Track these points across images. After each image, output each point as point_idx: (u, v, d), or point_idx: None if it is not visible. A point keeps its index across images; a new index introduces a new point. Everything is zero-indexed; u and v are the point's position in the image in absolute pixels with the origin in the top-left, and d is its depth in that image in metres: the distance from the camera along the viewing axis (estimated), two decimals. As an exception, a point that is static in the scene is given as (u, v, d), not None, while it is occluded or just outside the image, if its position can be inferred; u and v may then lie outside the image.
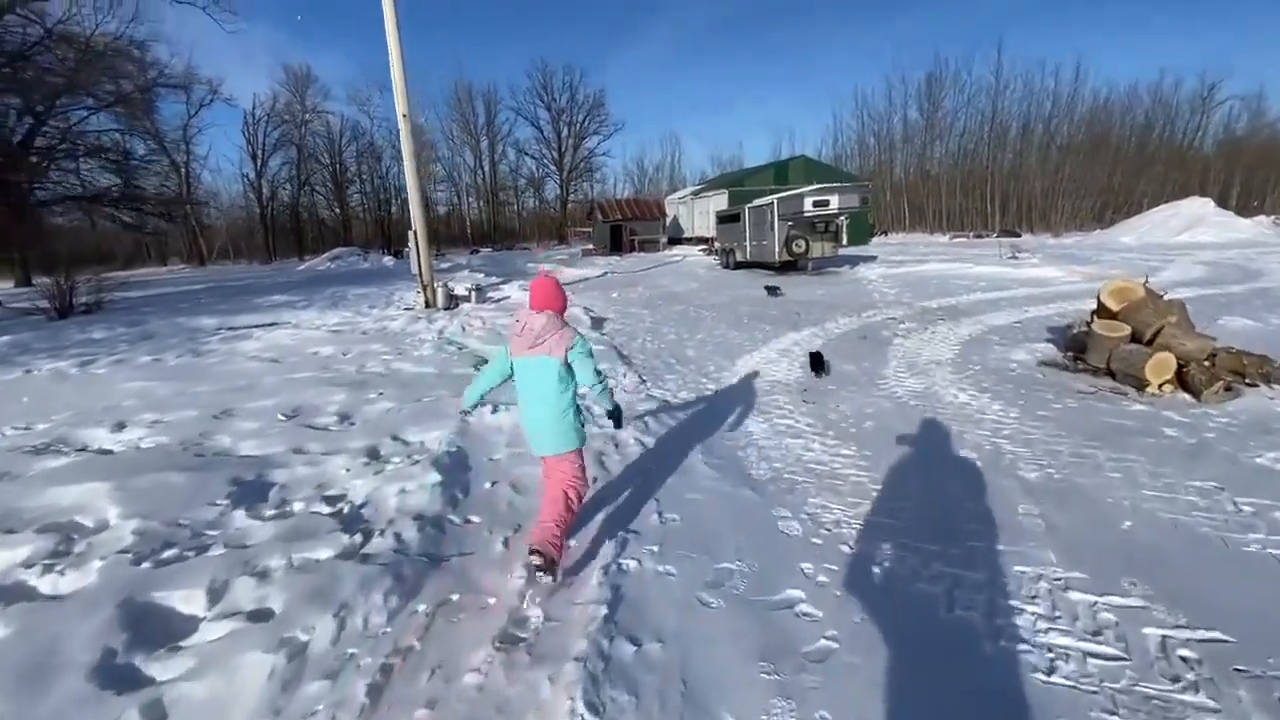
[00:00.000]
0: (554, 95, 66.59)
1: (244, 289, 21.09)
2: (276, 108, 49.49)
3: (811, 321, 10.86)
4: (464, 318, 11.20)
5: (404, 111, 14.08)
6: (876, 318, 10.93)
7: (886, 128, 53.60)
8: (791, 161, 37.62)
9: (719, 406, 6.04)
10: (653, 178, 73.14)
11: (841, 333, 9.74)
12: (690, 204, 40.02)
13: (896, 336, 9.20)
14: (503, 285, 17.47)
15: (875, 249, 31.99)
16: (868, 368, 7.40)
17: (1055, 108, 44.42)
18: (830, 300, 13.54)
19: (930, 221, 47.98)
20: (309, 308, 14.49)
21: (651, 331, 10.45)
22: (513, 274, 24.18)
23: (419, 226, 14.46)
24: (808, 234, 19.52)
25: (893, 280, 16.50)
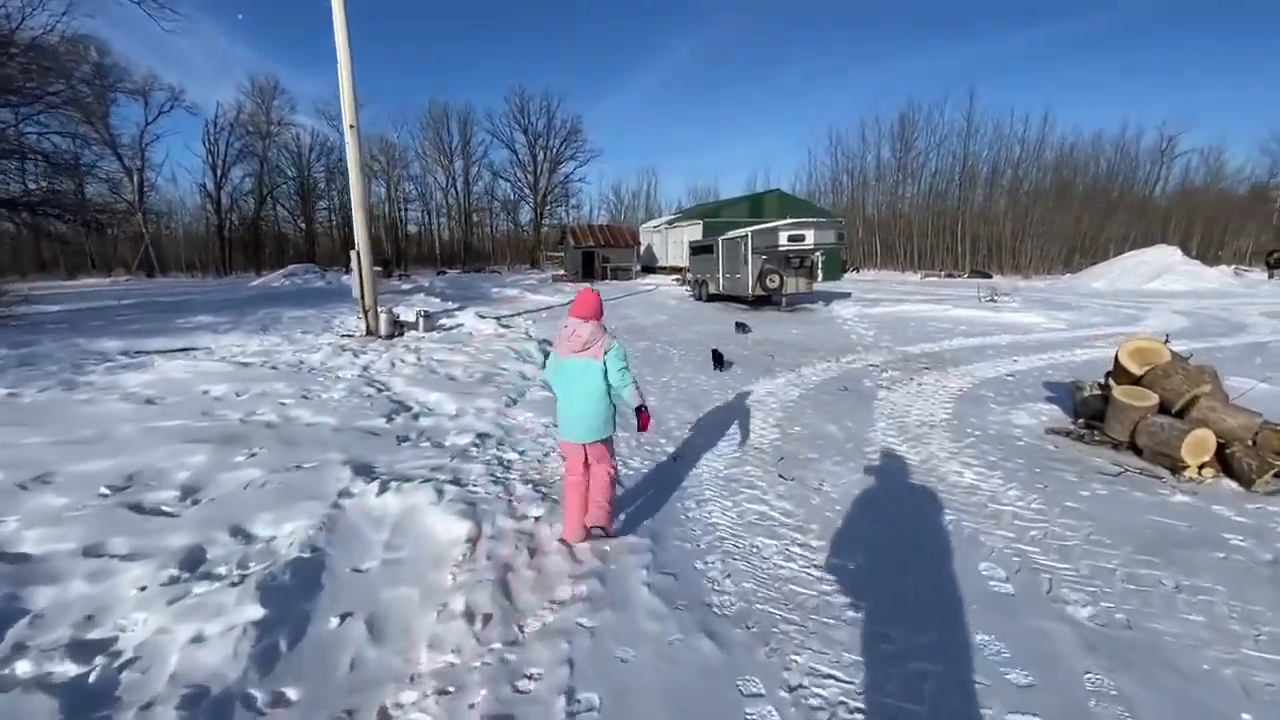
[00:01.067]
0: (531, 119, 66.27)
1: (174, 306, 19.38)
2: (240, 118, 47.84)
3: (786, 365, 9.89)
4: (400, 350, 9.93)
5: (351, 122, 12.94)
6: (856, 364, 10.01)
7: (860, 165, 54.50)
8: (766, 195, 37.44)
9: (677, 481, 4.90)
10: (629, 206, 72.94)
11: (819, 381, 8.75)
12: (665, 233, 39.47)
13: (880, 388, 8.24)
14: (458, 312, 16.20)
15: (848, 285, 31.65)
16: (852, 429, 6.38)
17: (1024, 152, 45.63)
18: (805, 341, 12.64)
19: (901, 259, 48.32)
20: (233, 330, 13.02)
21: (610, 373, 9.35)
22: (472, 299, 22.94)
23: (362, 245, 13.20)
24: (782, 269, 18.80)
25: (870, 321, 15.74)
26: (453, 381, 7.80)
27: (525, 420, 6.25)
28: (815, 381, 8.70)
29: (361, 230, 13.27)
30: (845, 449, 5.76)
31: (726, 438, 6.11)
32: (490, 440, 5.58)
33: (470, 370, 8.43)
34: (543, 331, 14.44)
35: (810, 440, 6.01)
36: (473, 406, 6.67)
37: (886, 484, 4.87)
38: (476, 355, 9.42)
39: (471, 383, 7.77)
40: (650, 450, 5.65)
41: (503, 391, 7.29)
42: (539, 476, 4.77)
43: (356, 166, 13.07)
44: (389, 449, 5.24)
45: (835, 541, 3.86)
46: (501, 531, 3.76)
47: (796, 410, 7.16)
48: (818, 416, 6.86)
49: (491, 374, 8.27)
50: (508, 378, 8.08)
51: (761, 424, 6.60)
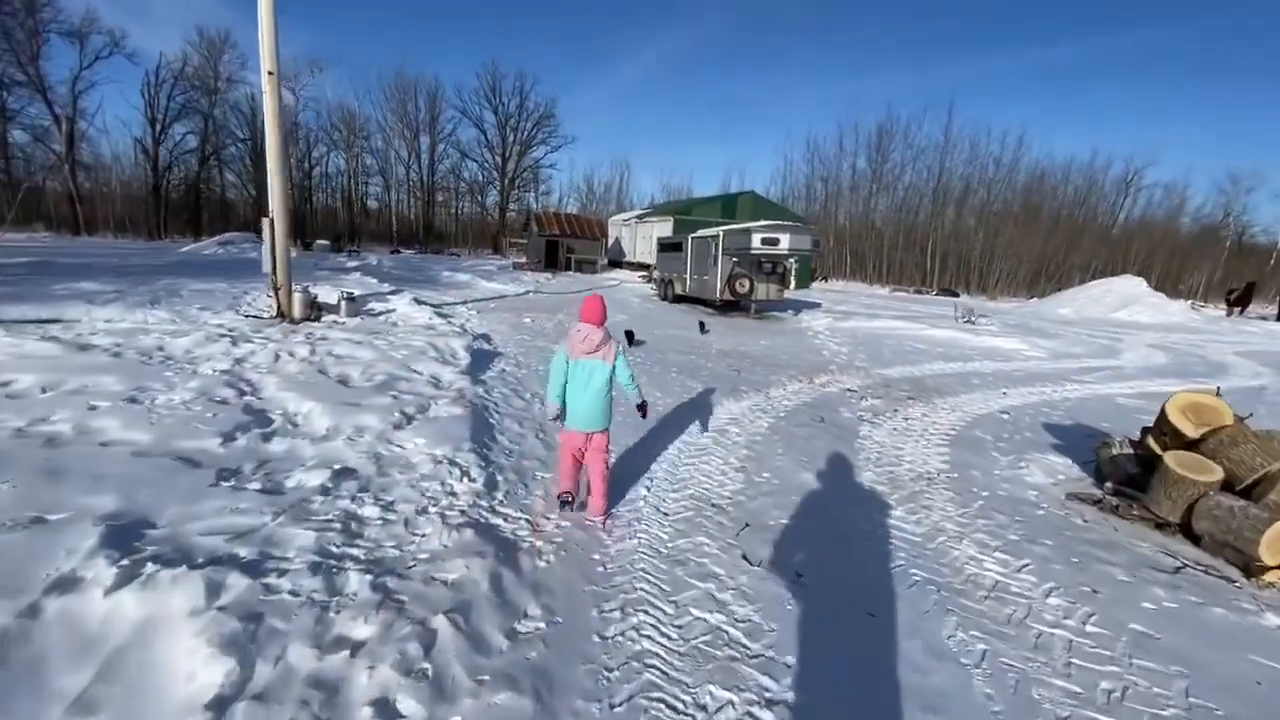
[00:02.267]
0: (502, 99, 63.72)
1: (71, 269, 16.95)
2: (185, 70, 44.13)
3: (754, 384, 8.62)
4: (296, 340, 8.23)
5: (270, 68, 11.08)
6: (831, 388, 8.80)
7: (835, 173, 54.02)
8: (741, 196, 36.33)
9: (599, 566, 3.51)
10: (601, 197, 71.03)
11: (791, 406, 7.49)
12: (634, 227, 37.99)
13: (862, 421, 7.02)
14: (392, 296, 14.44)
15: (817, 295, 30.80)
16: (833, 480, 5.10)
17: (998, 172, 45.78)
18: (775, 355, 11.40)
19: (870, 272, 48.04)
20: (115, 302, 10.96)
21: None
22: (419, 282, 21.08)
23: (277, 211, 11.37)
24: (753, 273, 17.61)
25: (843, 336, 14.65)
26: (342, 386, 6.22)
27: (413, 450, 4.75)
28: (786, 407, 7.43)
29: (278, 194, 11.43)
30: (828, 512, 4.47)
31: (676, 486, 4.75)
32: (351, 482, 4.06)
33: (371, 372, 6.85)
34: (487, 324, 12.88)
35: (783, 495, 4.69)
36: (351, 424, 5.13)
37: (887, 580, 3.57)
38: (387, 351, 7.82)
39: (365, 389, 6.20)
40: (573, 504, 4.24)
41: (399, 404, 5.75)
42: (397, 555, 3.28)
43: (274, 120, 11.21)
44: (195, 492, 3.68)
45: (822, 695, 2.52)
46: (286, 677, 2.29)
47: (765, 447, 5.85)
48: (791, 458, 5.56)
49: (396, 378, 6.71)
50: (414, 385, 6.54)
51: (722, 465, 5.27)
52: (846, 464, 5.54)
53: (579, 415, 3.89)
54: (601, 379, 3.84)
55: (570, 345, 3.89)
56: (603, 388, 3.85)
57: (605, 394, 3.88)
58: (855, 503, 4.69)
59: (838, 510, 4.53)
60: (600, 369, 3.83)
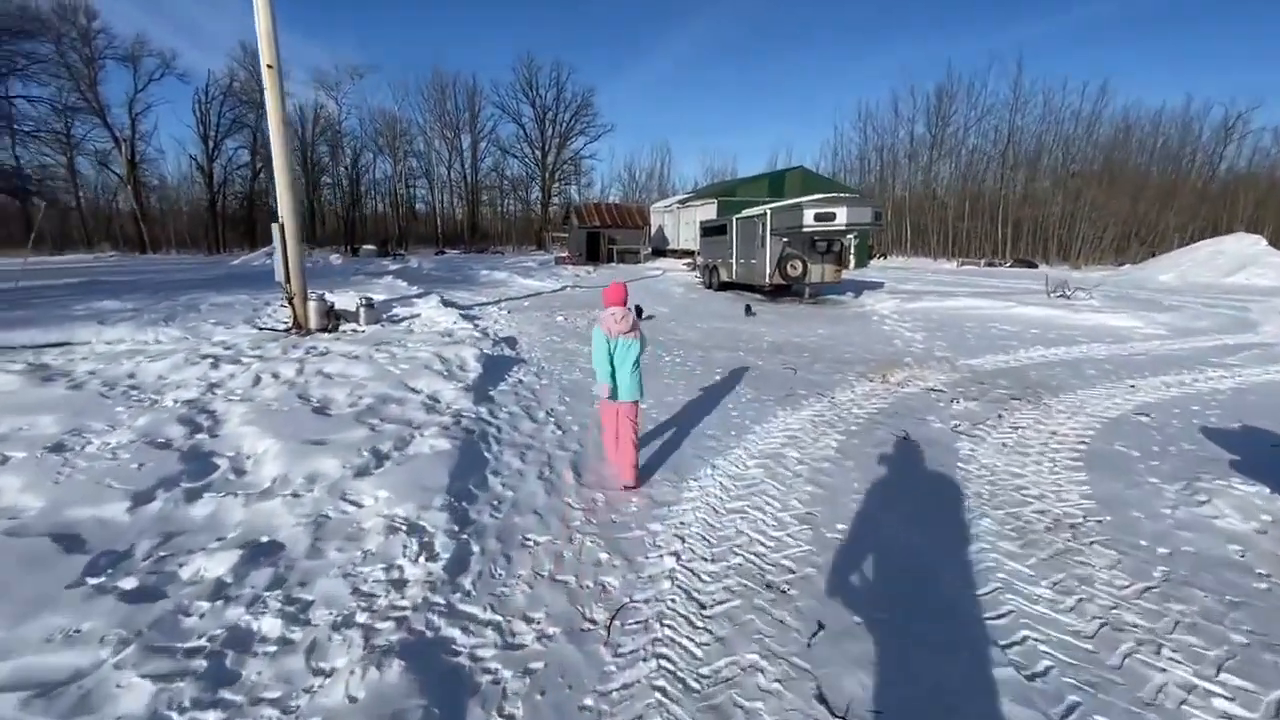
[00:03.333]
0: (539, 92, 63.03)
1: (109, 287, 17.03)
2: (233, 86, 45.42)
3: (814, 386, 7.20)
4: (286, 359, 7.34)
5: (269, 62, 10.37)
6: (910, 387, 7.27)
7: (891, 142, 50.37)
8: (789, 172, 34.19)
9: (591, 715, 2.29)
10: (644, 186, 69.51)
11: (864, 416, 6.06)
12: (677, 213, 36.48)
13: (959, 435, 5.52)
14: (418, 300, 13.65)
15: (876, 274, 28.56)
16: (937, 538, 3.69)
17: (1076, 128, 41.30)
18: (837, 347, 9.87)
19: (934, 245, 44.61)
20: (129, 321, 10.55)
21: (572, 394, 6.74)
22: (456, 282, 20.41)
23: (286, 215, 10.68)
24: (806, 254, 15.94)
25: (914, 320, 12.88)
26: (317, 416, 5.23)
27: (369, 509, 3.65)
28: (858, 418, 6.00)
29: (285, 196, 10.72)
30: (938, 596, 3.09)
31: (715, 547, 3.47)
32: (266, 570, 2.98)
33: (359, 394, 5.85)
34: (516, 325, 11.87)
35: (867, 564, 3.35)
36: (306, 470, 4.10)
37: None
38: (386, 366, 6.83)
39: (343, 417, 5.19)
40: (575, 587, 3.03)
41: (375, 438, 4.69)
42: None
43: (277, 116, 10.48)
44: (42, 597, 2.67)
45: None
46: None
47: (835, 480, 4.48)
48: (873, 498, 4.18)
49: (386, 401, 5.68)
50: (405, 409, 5.49)
51: (778, 511, 3.95)
52: (951, 505, 4.12)
53: (621, 387, 4.24)
54: (634, 354, 4.25)
55: (606, 327, 4.22)
56: (635, 362, 4.26)
57: (637, 367, 4.28)
58: (975, 574, 3.29)
59: (953, 590, 3.14)
60: (634, 346, 4.25)
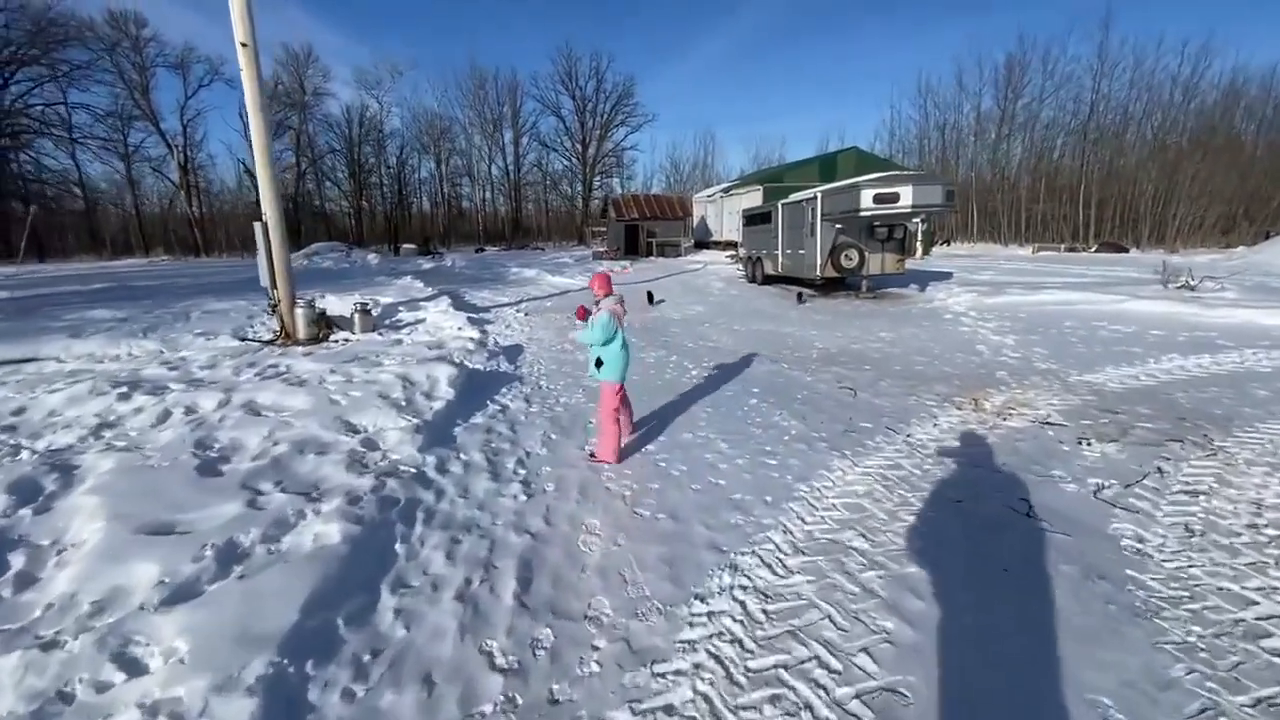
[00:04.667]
0: (579, 83, 61.63)
1: (117, 293, 16.60)
2: (277, 90, 45.88)
3: (880, 414, 5.44)
4: (212, 386, 6.08)
5: (243, 39, 9.22)
6: (1015, 418, 5.39)
7: (954, 119, 46.23)
8: (841, 154, 31.63)
9: None
10: (689, 177, 67.28)
11: (959, 472, 4.28)
12: (720, 203, 34.51)
13: (1109, 509, 3.68)
14: (427, 302, 12.43)
15: (943, 262, 25.83)
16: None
17: (1173, 94, 36.45)
18: (906, 356, 7.98)
19: (1005, 230, 40.74)
20: (109, 332, 9.66)
21: (562, 429, 5.22)
22: (482, 281, 19.29)
23: (270, 212, 9.58)
24: (863, 241, 13.90)
25: (998, 319, 10.76)
26: (199, 477, 3.86)
27: (142, 685, 2.20)
28: (950, 475, 4.22)
29: (267, 191, 9.62)
30: None
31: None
32: None
33: (275, 438, 4.49)
34: (529, 331, 10.51)
35: None
36: (105, 587, 2.72)
37: None
38: (333, 395, 5.46)
39: (228, 480, 3.80)
40: None
41: (243, 522, 3.28)
42: None
43: (255, 101, 9.34)
44: None
45: None
46: None
47: (929, 617, 2.76)
48: (1002, 665, 2.46)
49: (303, 448, 4.30)
50: (315, 467, 4.07)
51: (836, 698, 2.28)
52: (1145, 678, 2.35)
53: (622, 369, 4.45)
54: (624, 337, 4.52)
55: (614, 313, 4.39)
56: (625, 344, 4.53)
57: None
58: None
59: None
60: (622, 333, 4.48)
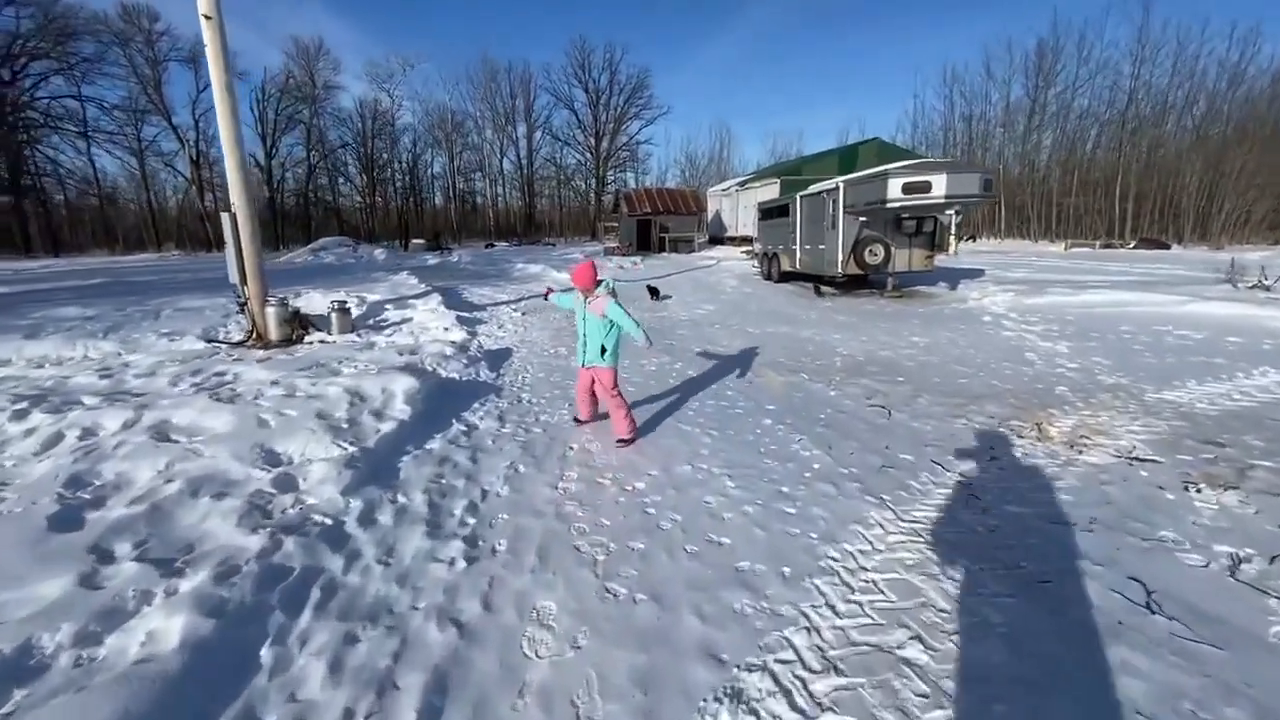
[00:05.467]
0: (592, 75, 60.60)
1: (101, 290, 15.99)
2: (288, 84, 45.58)
3: (923, 443, 4.44)
4: (166, 393, 5.25)
5: (207, 11, 8.40)
6: (1091, 451, 4.35)
7: (982, 109, 44.41)
8: (862, 145, 30.33)
9: None
10: (704, 171, 65.97)
11: (1035, 526, 3.28)
12: (735, 196, 33.37)
13: (1260, 598, 2.65)
14: (416, 300, 11.58)
15: (970, 259, 24.49)
16: None
17: (1219, 81, 34.37)
18: (944, 366, 6.94)
19: (1035, 225, 38.97)
20: (67, 331, 8.92)
21: (535, 457, 4.29)
22: (486, 277, 18.50)
23: (239, 203, 8.75)
24: (890, 235, 12.80)
25: (1043, 321, 9.64)
26: (42, 536, 2.98)
27: None
28: (1023, 530, 3.21)
29: (236, 179, 8.78)
30: None
31: None
32: None
33: (169, 474, 3.62)
34: (522, 332, 9.61)
35: None
36: None
37: None
38: (262, 414, 4.58)
39: (69, 544, 2.91)
40: None
41: (60, 614, 2.38)
42: None
43: (220, 79, 8.51)
44: None
45: None
46: None
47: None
48: None
49: (198, 489, 3.42)
50: (199, 518, 3.18)
51: None
52: None
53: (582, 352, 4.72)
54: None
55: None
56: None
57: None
58: None
59: None
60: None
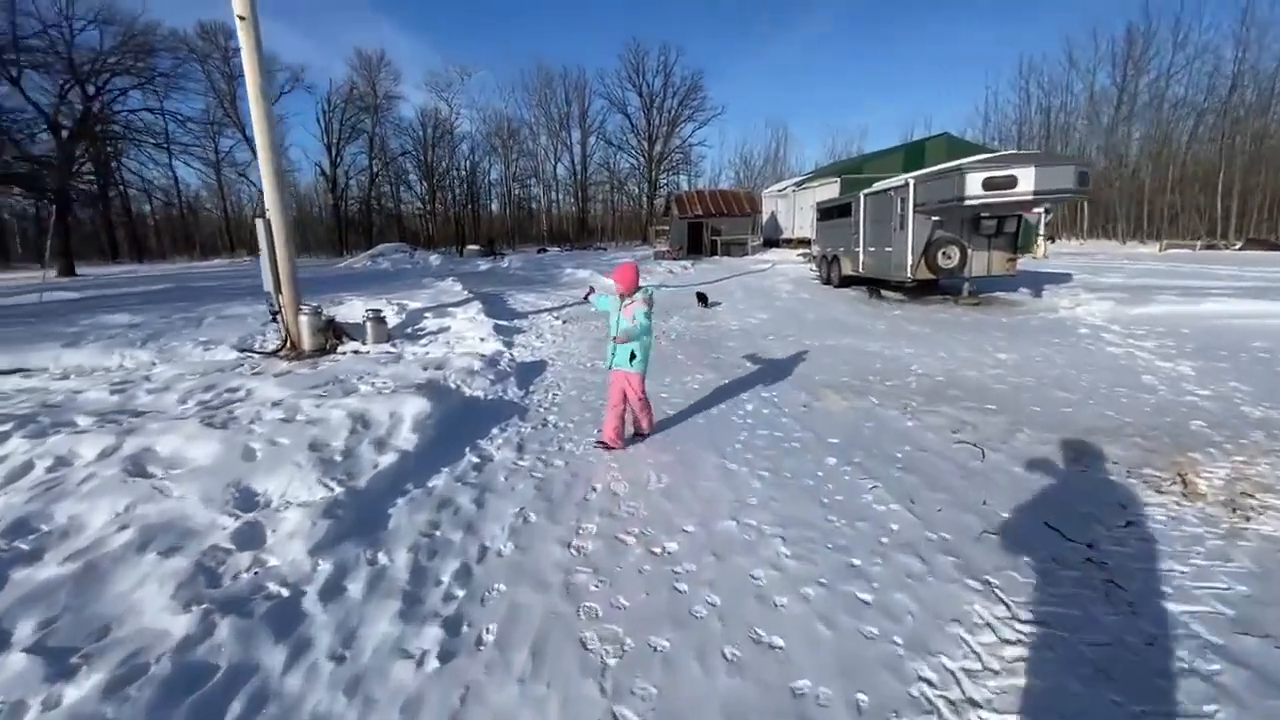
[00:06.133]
0: (646, 79, 60.15)
1: (170, 294, 16.43)
2: (352, 94, 47.23)
3: (1034, 496, 3.51)
4: (103, 432, 4.89)
5: (242, 12, 8.19)
6: (1268, 519, 3.32)
7: (1062, 101, 41.20)
8: (929, 142, 28.51)
9: None
10: (759, 173, 64.46)
11: (1211, 655, 2.35)
12: (792, 197, 32.10)
13: None
14: (456, 308, 11.22)
15: (1053, 261, 22.45)
16: None
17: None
18: (1043, 394, 5.87)
19: (1123, 224, 35.72)
20: (107, 340, 8.93)
21: (551, 500, 3.63)
22: (533, 283, 18.15)
23: (274, 209, 8.54)
24: (967, 236, 11.58)
25: (1154, 335, 8.32)
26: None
27: None
28: (1201, 668, 2.29)
29: (271, 186, 8.57)
30: None
31: None
32: None
33: (128, 516, 3.16)
34: (561, 343, 9.10)
35: None
36: None
37: None
38: (250, 443, 4.10)
39: None
40: None
41: None
42: None
43: (256, 81, 8.30)
44: None
45: None
46: None
47: None
48: None
49: (148, 539, 2.93)
50: (144, 581, 2.67)
51: None
52: None
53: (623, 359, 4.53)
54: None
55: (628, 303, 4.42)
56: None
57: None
58: None
59: None
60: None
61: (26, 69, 27.37)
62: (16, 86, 27.57)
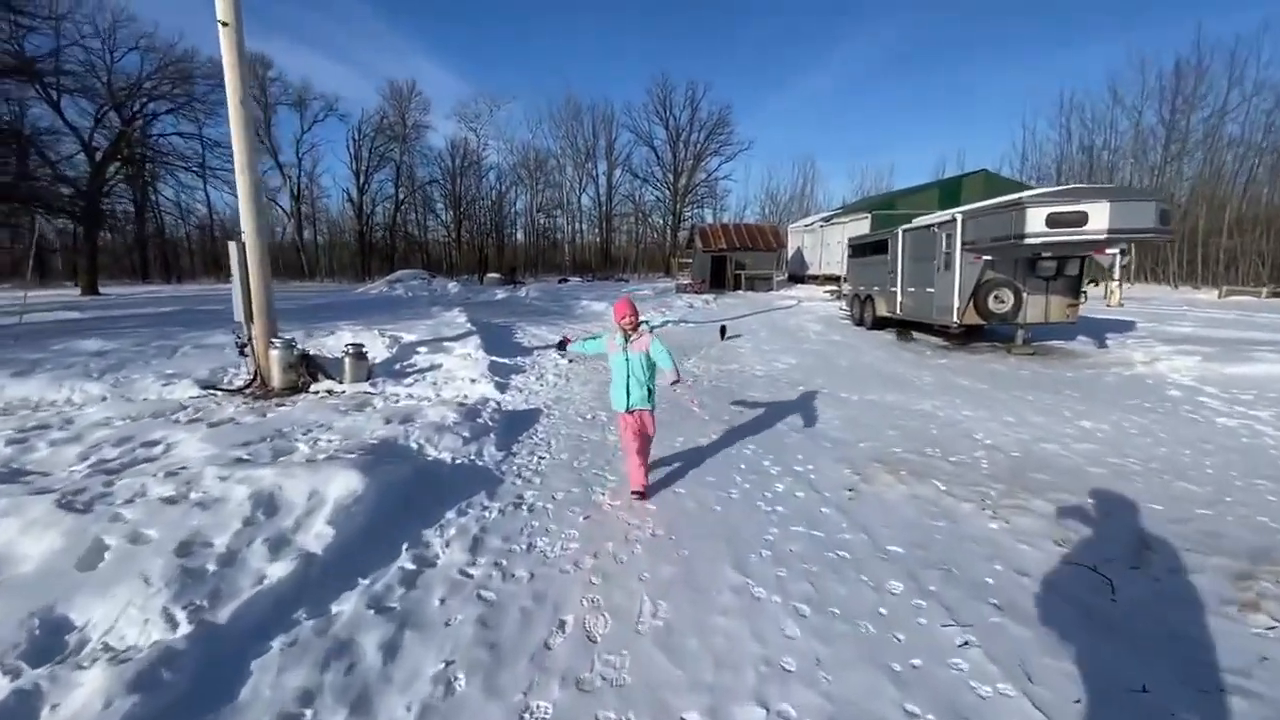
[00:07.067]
0: (673, 113, 60.34)
1: (176, 316, 15.84)
2: (382, 124, 47.97)
3: (1200, 673, 2.23)
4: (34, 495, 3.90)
5: (224, 18, 7.50)
6: None
7: (1106, 139, 39.74)
8: (967, 178, 27.36)
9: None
10: (785, 208, 63.74)
11: None
12: (819, 233, 31.08)
13: None
14: (453, 342, 10.26)
15: (1101, 305, 20.90)
16: None
17: None
18: (1157, 482, 4.57)
19: (1175, 269, 33.80)
20: (64, 370, 8.12)
21: (493, 656, 2.47)
22: (548, 314, 17.28)
23: (249, 231, 7.73)
24: (1022, 279, 10.35)
25: (1261, 400, 6.95)
26: None
27: None
28: None
29: (248, 206, 7.77)
30: None
31: None
32: None
33: None
34: (565, 385, 8.02)
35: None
36: None
37: None
38: (128, 525, 3.06)
39: None
40: None
41: None
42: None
43: (236, 91, 7.58)
44: None
45: None
46: None
47: None
48: None
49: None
50: None
51: None
52: None
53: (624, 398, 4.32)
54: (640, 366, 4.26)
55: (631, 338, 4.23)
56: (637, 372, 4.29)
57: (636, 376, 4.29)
58: None
59: None
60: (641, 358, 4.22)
61: (66, 93, 27.89)
62: (56, 110, 28.13)
